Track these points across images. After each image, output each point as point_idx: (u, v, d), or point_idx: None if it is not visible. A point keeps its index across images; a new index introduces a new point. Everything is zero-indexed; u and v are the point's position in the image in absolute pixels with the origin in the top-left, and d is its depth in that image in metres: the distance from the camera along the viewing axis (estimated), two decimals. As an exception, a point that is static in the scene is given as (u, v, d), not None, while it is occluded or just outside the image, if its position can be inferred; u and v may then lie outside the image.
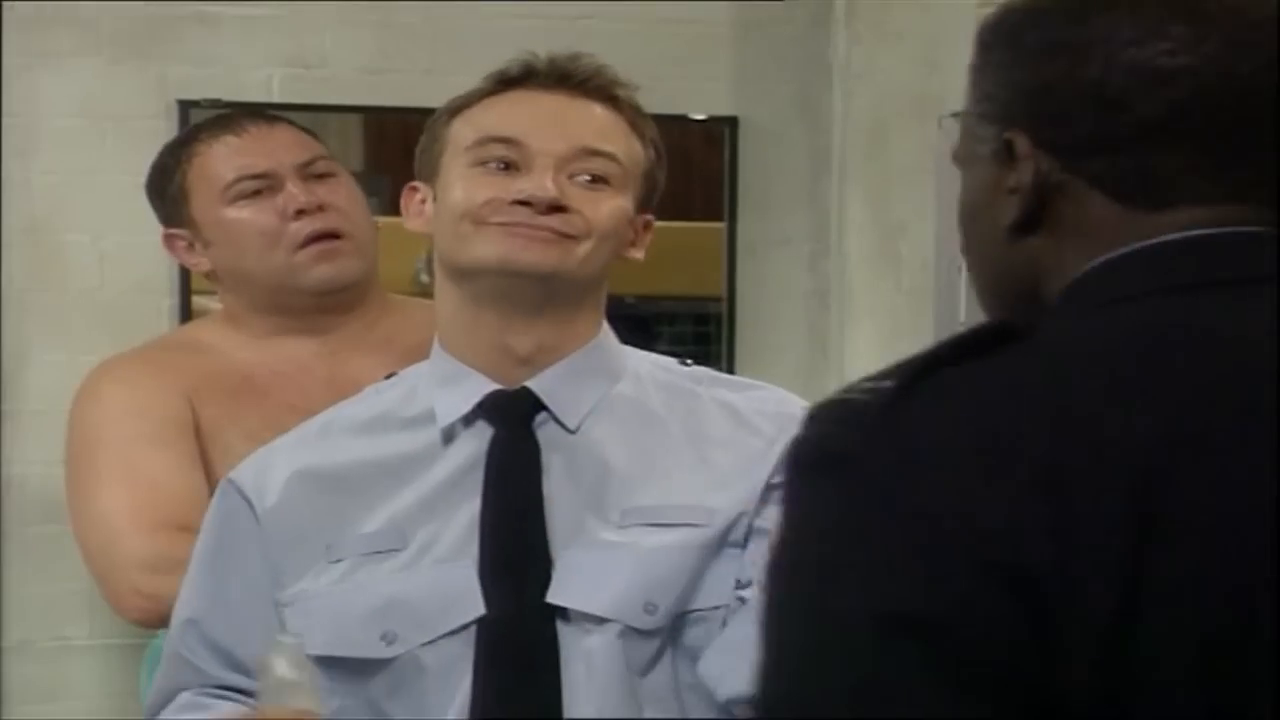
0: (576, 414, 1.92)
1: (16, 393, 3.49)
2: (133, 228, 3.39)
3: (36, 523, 3.47)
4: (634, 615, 1.84)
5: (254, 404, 2.67)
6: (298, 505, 1.96)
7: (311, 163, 2.70)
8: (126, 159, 3.43)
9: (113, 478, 2.60)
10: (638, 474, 1.90)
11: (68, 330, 3.51)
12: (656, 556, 1.85)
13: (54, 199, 3.53)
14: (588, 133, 1.91)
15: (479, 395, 1.93)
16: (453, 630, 1.85)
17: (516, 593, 1.85)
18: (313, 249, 2.65)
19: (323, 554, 1.92)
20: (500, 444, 1.91)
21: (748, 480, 1.89)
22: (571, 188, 1.89)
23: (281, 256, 2.65)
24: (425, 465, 1.93)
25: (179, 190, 2.72)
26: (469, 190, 1.90)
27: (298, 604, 1.92)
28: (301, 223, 2.64)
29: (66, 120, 3.53)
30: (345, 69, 3.65)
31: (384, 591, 1.88)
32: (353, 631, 1.88)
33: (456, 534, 1.88)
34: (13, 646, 3.48)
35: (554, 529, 1.87)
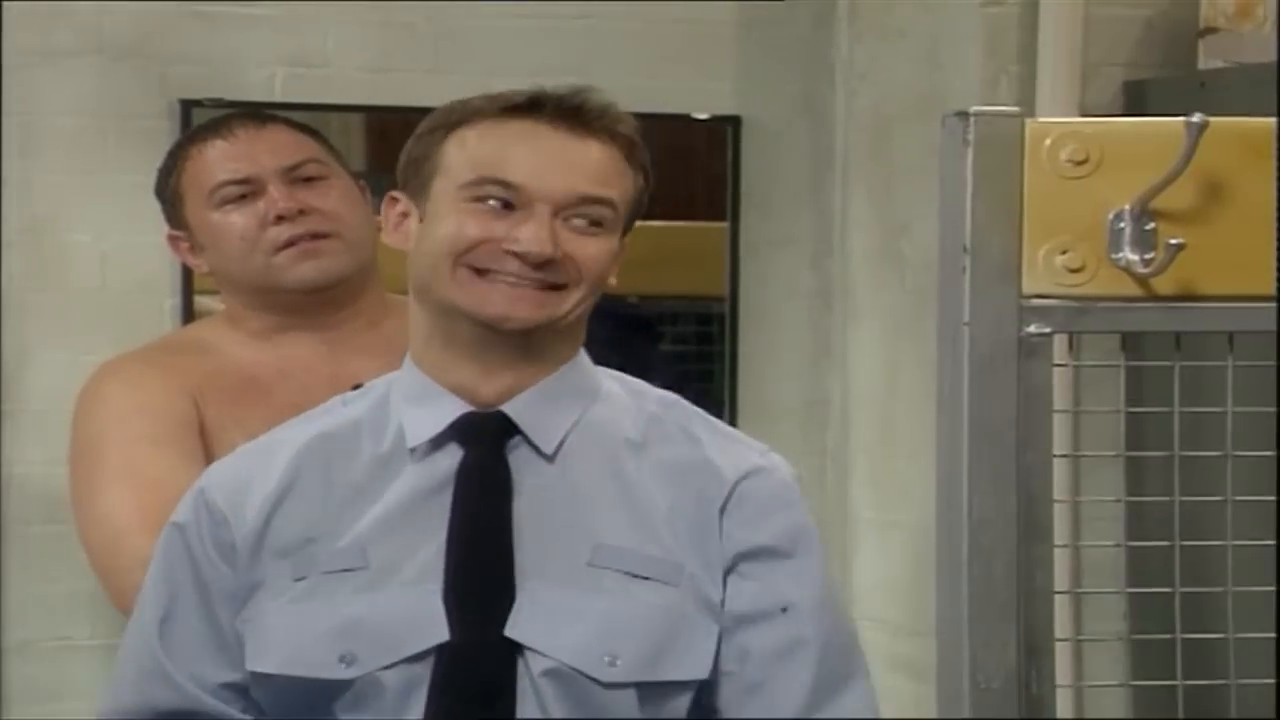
0: (552, 439, 1.89)
1: (18, 392, 3.50)
2: (134, 227, 3.45)
3: (38, 522, 3.48)
4: (594, 665, 1.80)
5: (258, 403, 2.68)
6: (274, 523, 1.94)
7: (300, 165, 2.71)
8: (128, 159, 3.47)
9: (116, 477, 2.61)
10: (611, 507, 1.87)
11: (69, 330, 3.52)
12: (625, 608, 1.82)
13: (55, 199, 3.55)
14: (587, 178, 1.87)
15: (451, 417, 1.90)
16: (415, 655, 1.82)
17: (479, 622, 1.82)
18: (291, 250, 2.66)
19: (288, 571, 1.90)
20: (470, 467, 1.88)
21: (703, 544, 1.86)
22: (565, 231, 1.86)
23: (260, 260, 2.67)
24: (391, 484, 1.90)
25: (175, 194, 2.74)
26: (460, 227, 1.87)
27: (255, 621, 1.89)
28: (281, 228, 2.66)
29: (68, 120, 3.55)
30: (348, 68, 3.66)
31: (345, 612, 1.85)
32: (310, 652, 1.85)
33: (423, 557, 1.85)
34: (15, 647, 3.49)
35: (521, 558, 1.84)
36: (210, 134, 2.73)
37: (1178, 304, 1.67)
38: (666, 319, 3.95)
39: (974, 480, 1.65)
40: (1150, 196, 1.65)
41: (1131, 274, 1.67)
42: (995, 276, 1.68)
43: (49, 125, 3.54)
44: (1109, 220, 1.68)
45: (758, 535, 1.85)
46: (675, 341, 3.94)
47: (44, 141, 3.53)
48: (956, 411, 1.67)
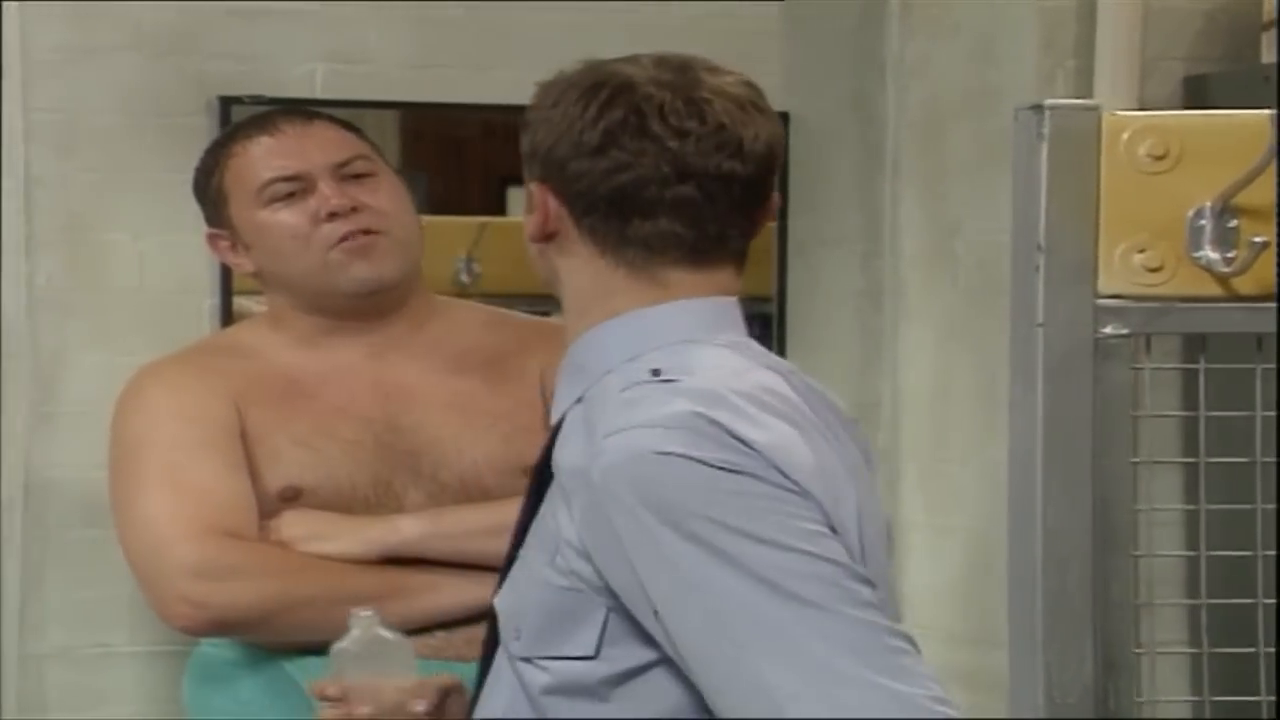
0: (557, 410, 1.89)
1: (55, 395, 3.49)
2: (173, 226, 3.42)
3: (77, 527, 3.46)
4: (507, 634, 1.82)
5: (302, 408, 2.66)
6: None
7: (348, 162, 2.68)
8: (167, 156, 3.44)
9: (158, 483, 2.59)
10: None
11: (107, 331, 3.49)
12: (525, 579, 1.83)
13: (93, 197, 3.52)
14: None
15: None
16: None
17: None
18: (347, 245, 2.63)
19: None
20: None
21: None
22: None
23: (315, 258, 2.64)
24: None
25: (218, 192, 2.71)
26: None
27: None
28: (334, 225, 2.63)
29: (106, 117, 3.52)
30: (389, 64, 3.63)
31: None
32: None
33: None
34: (54, 653, 3.47)
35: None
36: (256, 130, 2.70)
37: (1261, 304, 1.63)
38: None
39: (1048, 488, 1.62)
40: (1233, 193, 1.62)
41: (1212, 273, 1.63)
42: (1070, 276, 1.64)
43: (86, 123, 3.51)
44: (1189, 217, 1.65)
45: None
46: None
47: (81, 139, 3.50)
48: (1030, 416, 1.63)
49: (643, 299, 1.79)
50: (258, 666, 2.63)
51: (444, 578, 2.59)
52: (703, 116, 1.78)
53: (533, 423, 2.70)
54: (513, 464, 2.67)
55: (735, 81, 1.82)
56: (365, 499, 2.64)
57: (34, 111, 3.47)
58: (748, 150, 1.80)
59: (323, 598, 2.56)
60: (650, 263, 1.80)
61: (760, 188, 1.83)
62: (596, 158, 1.78)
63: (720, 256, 1.82)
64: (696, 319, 1.79)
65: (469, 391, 2.71)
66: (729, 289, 1.83)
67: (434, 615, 2.59)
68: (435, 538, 2.60)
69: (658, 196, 1.78)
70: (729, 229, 1.81)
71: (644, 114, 1.77)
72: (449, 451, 2.67)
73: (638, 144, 1.77)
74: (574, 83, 1.81)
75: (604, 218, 1.80)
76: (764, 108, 1.83)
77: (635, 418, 1.72)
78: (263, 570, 2.56)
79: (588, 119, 1.78)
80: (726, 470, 1.67)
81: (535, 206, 1.84)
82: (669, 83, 1.79)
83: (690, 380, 1.75)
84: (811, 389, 1.83)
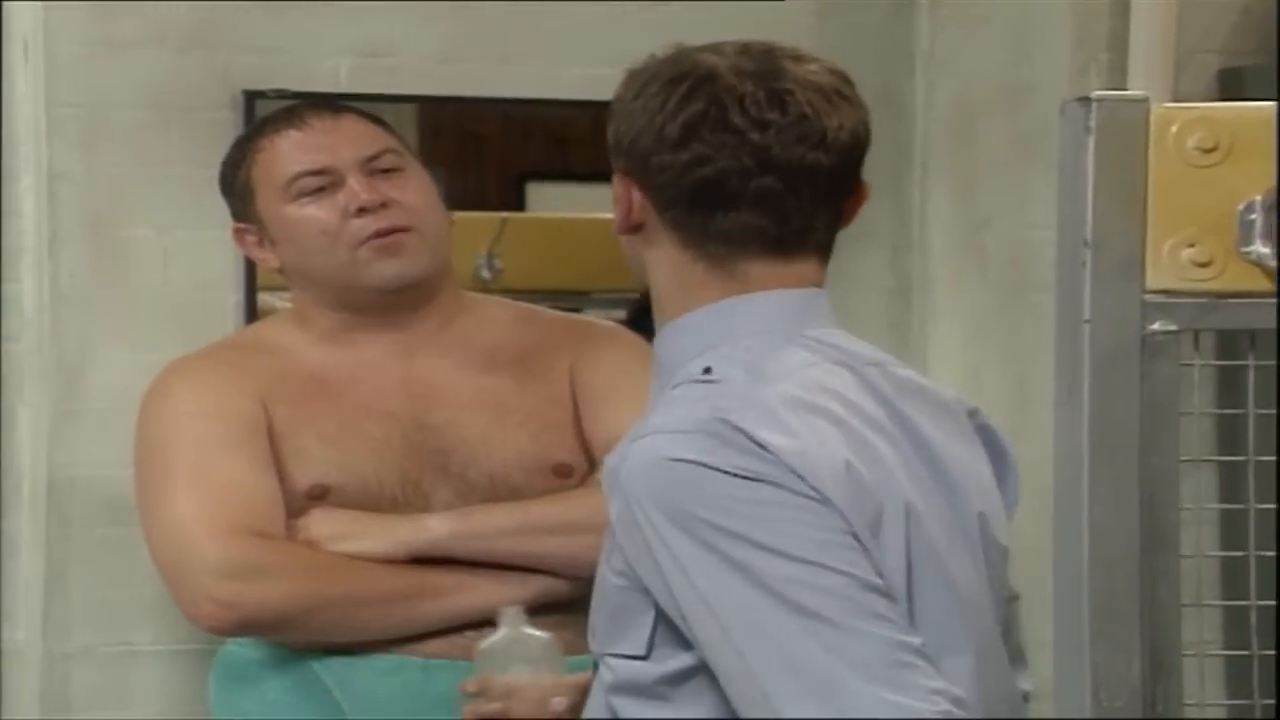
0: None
1: (79, 392, 3.47)
2: (197, 222, 3.39)
3: (100, 525, 3.44)
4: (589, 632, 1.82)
5: (328, 405, 2.65)
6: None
7: (377, 156, 2.66)
8: (191, 151, 3.42)
9: (185, 481, 2.58)
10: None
11: (131, 327, 3.47)
12: (599, 577, 1.82)
13: (117, 193, 3.49)
14: None
15: None
16: None
17: None
18: (376, 243, 2.61)
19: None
20: None
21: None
22: None
23: (343, 254, 2.62)
24: None
25: (245, 186, 2.69)
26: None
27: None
28: (364, 220, 2.61)
29: (130, 112, 3.49)
30: (415, 58, 3.61)
31: None
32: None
33: None
34: (77, 652, 3.45)
35: None
36: (283, 124, 2.68)
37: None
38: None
39: (1094, 487, 1.60)
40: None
41: (1263, 268, 1.61)
42: (1117, 271, 1.62)
43: (110, 118, 3.48)
44: (1239, 211, 1.62)
45: None
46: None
47: (104, 134, 3.48)
48: (1076, 414, 1.61)
49: (720, 293, 1.78)
50: (284, 666, 2.62)
51: (474, 577, 2.58)
52: (784, 107, 1.76)
53: (562, 420, 2.69)
54: (542, 462, 2.66)
55: (820, 69, 1.80)
56: (393, 497, 2.63)
57: (57, 106, 3.44)
58: (831, 141, 1.78)
59: (351, 598, 2.55)
60: (731, 256, 1.78)
61: (845, 178, 1.82)
62: (678, 151, 1.77)
63: (804, 249, 1.81)
64: (772, 313, 1.78)
65: (498, 389, 2.69)
66: (812, 281, 1.82)
67: (464, 615, 2.58)
68: (465, 537, 2.58)
69: (739, 189, 1.76)
70: (814, 221, 1.80)
71: (724, 106, 1.76)
72: (477, 450, 2.66)
73: (718, 137, 1.75)
74: (656, 74, 1.79)
75: (686, 211, 1.78)
76: (849, 96, 1.82)
77: (660, 421, 1.73)
78: (291, 570, 2.55)
79: (668, 111, 1.77)
80: (740, 477, 1.66)
81: (619, 199, 1.83)
82: (751, 73, 1.77)
83: (733, 380, 1.74)
84: (902, 384, 1.81)
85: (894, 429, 1.77)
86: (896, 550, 1.70)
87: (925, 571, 1.71)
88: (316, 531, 2.58)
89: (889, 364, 1.85)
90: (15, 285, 3.43)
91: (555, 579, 2.59)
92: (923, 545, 1.72)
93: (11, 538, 3.42)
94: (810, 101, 1.77)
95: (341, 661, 2.60)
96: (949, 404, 1.85)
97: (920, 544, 1.72)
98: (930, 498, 1.75)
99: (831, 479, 1.68)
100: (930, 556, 1.72)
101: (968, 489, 1.79)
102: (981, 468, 1.81)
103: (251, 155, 2.69)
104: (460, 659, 2.57)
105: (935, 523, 1.74)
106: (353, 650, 2.59)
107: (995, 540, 1.80)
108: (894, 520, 1.71)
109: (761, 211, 1.77)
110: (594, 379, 2.71)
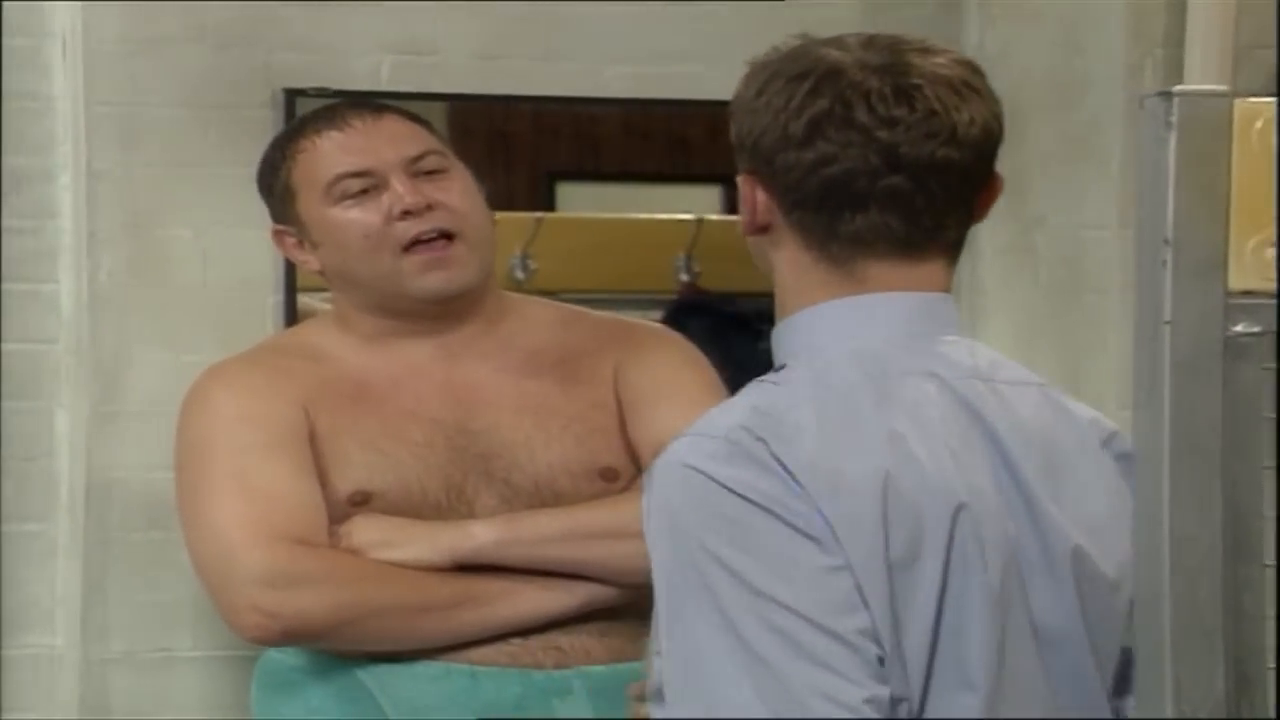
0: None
1: (117, 394, 3.45)
2: (237, 222, 3.39)
3: (138, 529, 3.43)
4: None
5: (371, 411, 2.62)
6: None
7: (421, 157, 2.63)
8: (231, 150, 3.41)
9: (226, 488, 2.55)
10: None
11: (170, 329, 3.46)
12: None
13: (155, 192, 3.48)
14: None
15: None
16: None
17: None
18: (422, 255, 2.58)
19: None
20: None
21: None
22: None
23: (388, 260, 2.59)
24: None
25: (285, 188, 2.66)
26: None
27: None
28: (408, 223, 2.58)
29: (169, 110, 3.48)
30: (457, 55, 3.59)
31: None
32: None
33: None
34: (115, 658, 3.44)
35: None
36: (324, 125, 2.65)
37: (1402, 301, 1.56)
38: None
39: (1176, 494, 1.55)
40: (1372, 183, 1.55)
41: (1350, 268, 1.56)
42: (1199, 271, 1.57)
43: (148, 116, 3.47)
44: (1326, 209, 1.57)
45: None
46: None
47: (143, 133, 3.47)
48: (1156, 419, 1.56)
49: (834, 293, 1.73)
50: (328, 674, 2.59)
51: (521, 585, 2.55)
52: (912, 103, 1.71)
53: (608, 424, 2.66)
54: (587, 466, 2.64)
55: (948, 62, 1.75)
56: (436, 503, 2.60)
57: (95, 104, 3.43)
58: (961, 136, 1.74)
59: (397, 606, 2.53)
60: (854, 257, 1.73)
61: (978, 173, 1.77)
62: (803, 150, 1.72)
63: (932, 249, 1.75)
64: (879, 316, 1.73)
65: (542, 392, 2.67)
66: (934, 283, 1.76)
67: (511, 624, 2.55)
68: (511, 544, 2.55)
69: (867, 189, 1.71)
70: (945, 219, 1.75)
71: (850, 103, 1.71)
72: (521, 455, 2.63)
73: (844, 135, 1.71)
74: (779, 70, 1.74)
75: (814, 212, 1.73)
76: (979, 88, 1.77)
77: (701, 423, 1.71)
78: (335, 578, 2.52)
79: (792, 109, 1.71)
80: (739, 496, 1.64)
81: (745, 199, 1.78)
82: (877, 67, 1.72)
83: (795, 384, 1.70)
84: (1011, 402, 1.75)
85: (980, 447, 1.71)
86: (931, 575, 1.66)
87: (963, 599, 1.66)
88: (360, 539, 2.55)
89: (1003, 379, 1.78)
90: (53, 286, 3.43)
91: (602, 586, 2.56)
92: (967, 572, 1.67)
93: (49, 542, 3.42)
94: (939, 96, 1.72)
95: (386, 668, 2.57)
96: (1082, 427, 1.79)
97: (964, 570, 1.66)
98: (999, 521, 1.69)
99: (850, 498, 1.64)
100: (976, 586, 1.67)
101: (1061, 521, 1.72)
102: (1100, 498, 1.74)
103: (292, 156, 2.66)
104: (509, 666, 2.54)
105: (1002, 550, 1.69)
106: (398, 657, 2.57)
107: (1100, 575, 1.73)
108: (935, 542, 1.66)
109: (890, 211, 1.72)
110: (640, 382, 2.68)
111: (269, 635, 2.53)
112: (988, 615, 1.67)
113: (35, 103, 3.43)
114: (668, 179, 3.94)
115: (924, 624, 1.65)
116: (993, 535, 1.69)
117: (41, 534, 3.41)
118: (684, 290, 3.79)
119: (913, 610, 1.65)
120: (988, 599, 1.67)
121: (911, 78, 1.72)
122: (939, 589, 1.66)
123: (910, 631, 1.65)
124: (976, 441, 1.72)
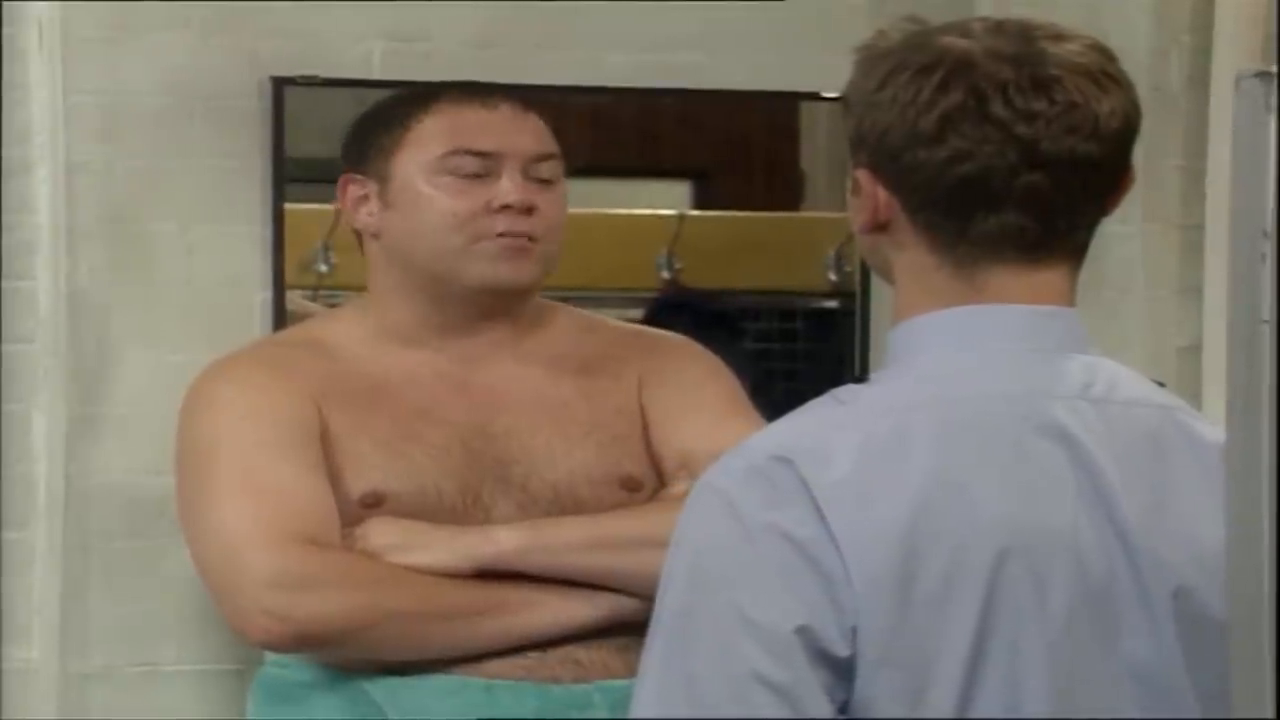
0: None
1: (98, 396, 3.44)
2: (223, 216, 3.40)
3: (121, 537, 3.42)
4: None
5: (386, 410, 2.62)
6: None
7: (542, 160, 2.66)
8: (216, 141, 3.41)
9: (233, 488, 2.54)
10: None
11: (152, 328, 3.44)
12: None
13: (137, 185, 3.46)
14: None
15: None
16: None
17: None
18: (505, 241, 2.59)
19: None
20: None
21: None
22: None
23: (458, 242, 2.60)
24: None
25: (394, 138, 2.65)
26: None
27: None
28: (504, 217, 2.61)
29: (151, 100, 3.46)
30: (450, 43, 3.59)
31: None
32: None
33: None
34: (96, 673, 3.42)
35: None
36: (473, 98, 2.68)
37: None
38: (785, 315, 3.84)
39: (1276, 503, 1.53)
40: None
41: None
42: (1301, 267, 1.54)
43: (130, 106, 3.45)
44: None
45: None
46: (805, 339, 3.83)
47: (124, 123, 3.45)
48: (1254, 425, 1.54)
49: (950, 302, 1.70)
50: (333, 687, 2.58)
51: (544, 594, 2.54)
52: (1051, 95, 1.67)
53: (630, 432, 2.68)
54: (609, 475, 2.65)
55: (1082, 49, 1.71)
56: (452, 508, 2.60)
57: (74, 94, 3.41)
58: (1103, 129, 1.70)
59: (413, 612, 2.52)
60: (978, 261, 1.70)
61: (1116, 168, 1.73)
62: (934, 147, 1.68)
63: (1059, 252, 1.73)
64: (991, 328, 1.70)
65: (563, 398, 2.68)
66: (1055, 290, 1.73)
67: (532, 635, 2.54)
68: (534, 551, 2.54)
69: (1004, 188, 1.68)
70: (1079, 219, 1.72)
71: (984, 96, 1.66)
72: (540, 461, 2.64)
73: (979, 130, 1.67)
74: (903, 61, 1.70)
75: (944, 212, 1.70)
76: (1116, 76, 1.72)
77: (747, 442, 1.69)
78: (348, 581, 2.51)
79: (921, 104, 1.67)
80: (740, 523, 1.62)
81: (864, 196, 1.74)
82: (1010, 57, 1.68)
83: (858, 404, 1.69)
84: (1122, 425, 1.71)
85: (1067, 477, 1.67)
86: (967, 613, 1.63)
87: (1015, 641, 1.64)
88: (375, 541, 2.54)
89: (1118, 400, 1.73)
90: (30, 283, 3.40)
91: (625, 597, 2.55)
92: (1020, 614, 1.64)
93: (26, 550, 3.39)
94: (1078, 86, 1.68)
95: (396, 681, 2.56)
96: (1207, 452, 1.73)
97: (1015, 612, 1.64)
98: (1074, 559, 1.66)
99: (871, 527, 1.61)
100: (1031, 626, 1.64)
101: (1164, 557, 1.69)
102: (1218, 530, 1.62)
103: (424, 111, 2.66)
104: (525, 679, 2.53)
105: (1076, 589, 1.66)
106: (408, 670, 2.55)
107: (1208, 616, 1.69)
108: (972, 581, 1.63)
109: (1027, 211, 1.68)
110: (664, 392, 2.70)
111: (278, 640, 2.50)
112: (1044, 656, 1.64)
113: (11, 92, 3.39)
114: (637, 174, 3.94)
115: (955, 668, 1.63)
116: (1062, 574, 1.66)
117: (18, 542, 3.38)
118: (665, 288, 3.79)
119: (946, 644, 1.63)
120: (1044, 640, 1.65)
121: (1049, 68, 1.68)
122: (974, 629, 1.63)
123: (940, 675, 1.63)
124: (1064, 471, 1.68)
